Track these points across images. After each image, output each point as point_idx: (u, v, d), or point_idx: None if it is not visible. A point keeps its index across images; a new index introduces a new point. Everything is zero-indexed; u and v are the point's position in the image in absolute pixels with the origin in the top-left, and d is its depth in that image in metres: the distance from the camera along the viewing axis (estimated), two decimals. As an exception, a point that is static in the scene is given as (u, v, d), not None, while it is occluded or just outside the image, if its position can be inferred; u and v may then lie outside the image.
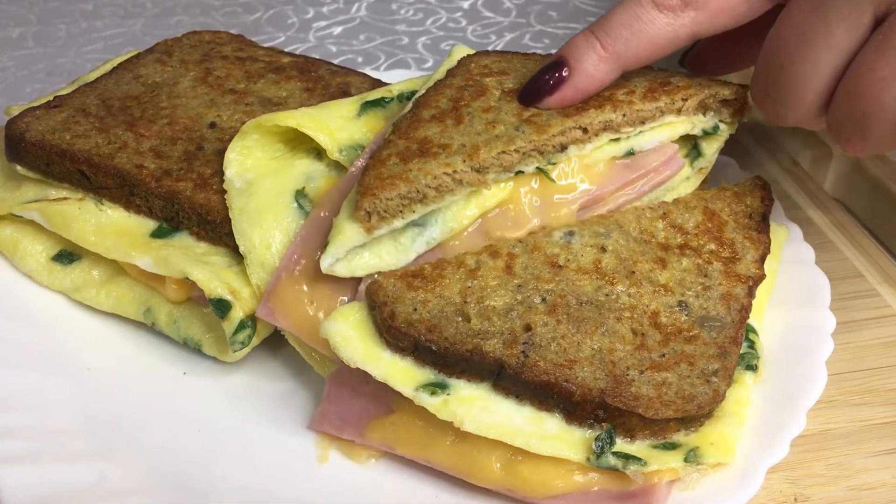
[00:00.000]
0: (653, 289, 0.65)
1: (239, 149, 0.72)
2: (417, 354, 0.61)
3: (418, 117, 0.69)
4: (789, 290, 0.74)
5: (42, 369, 0.70)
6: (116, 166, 0.72)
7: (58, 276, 0.75)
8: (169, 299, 0.72)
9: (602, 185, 0.70)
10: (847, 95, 0.63)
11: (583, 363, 0.59)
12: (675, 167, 0.73)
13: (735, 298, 0.65)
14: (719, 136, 0.75)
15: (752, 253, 0.69)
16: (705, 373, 0.60)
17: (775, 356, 0.68)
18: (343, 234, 0.63)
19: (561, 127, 0.67)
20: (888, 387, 0.72)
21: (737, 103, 0.74)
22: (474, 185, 0.65)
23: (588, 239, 0.67)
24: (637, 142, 0.70)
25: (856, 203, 0.98)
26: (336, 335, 0.61)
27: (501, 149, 0.65)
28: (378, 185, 0.63)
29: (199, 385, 0.71)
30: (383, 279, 0.63)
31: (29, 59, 1.29)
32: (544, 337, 0.60)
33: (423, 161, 0.64)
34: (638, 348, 0.61)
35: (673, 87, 0.71)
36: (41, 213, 0.74)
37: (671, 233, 0.69)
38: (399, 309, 0.61)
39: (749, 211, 0.72)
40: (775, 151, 0.99)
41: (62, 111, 0.77)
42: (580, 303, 0.63)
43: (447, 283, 0.63)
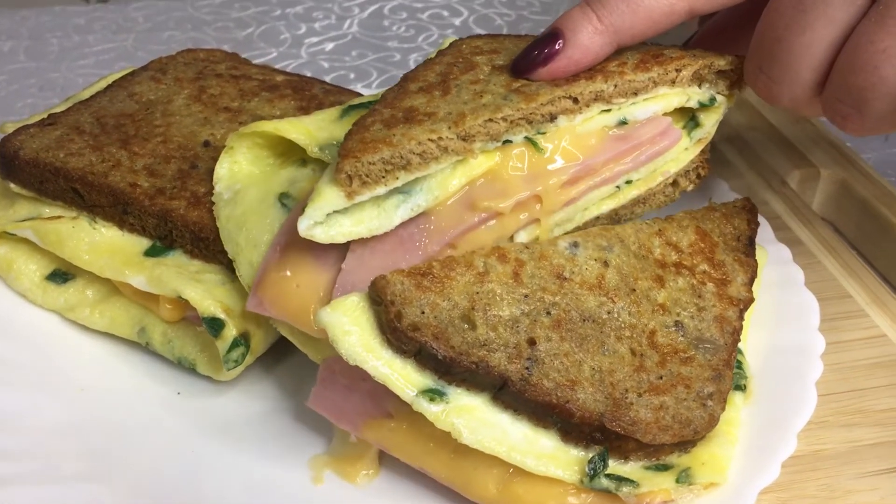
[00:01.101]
0: (651, 307, 0.65)
1: (228, 164, 0.72)
2: (419, 358, 0.60)
3: (405, 89, 0.68)
4: (779, 312, 0.75)
5: (36, 389, 0.69)
6: (110, 185, 0.72)
7: (52, 296, 0.75)
8: (163, 319, 0.72)
9: (593, 156, 0.68)
10: (845, 70, 0.62)
11: (584, 384, 0.60)
12: (673, 138, 0.72)
13: (727, 321, 0.66)
14: (717, 107, 0.73)
15: (742, 276, 0.70)
16: (701, 396, 0.61)
17: (766, 378, 0.69)
18: (322, 197, 0.61)
19: (550, 96, 0.66)
20: (877, 407, 0.72)
21: (733, 74, 0.72)
22: (460, 154, 0.64)
23: (592, 252, 0.67)
24: (629, 111, 0.69)
25: (843, 223, 0.99)
26: (335, 328, 0.59)
27: (488, 116, 0.64)
28: (360, 148, 0.61)
29: (192, 405, 0.71)
30: (391, 276, 0.61)
31: (20, 74, 1.29)
32: (548, 353, 0.60)
33: (408, 127, 0.63)
34: (637, 370, 0.61)
35: (666, 58, 0.70)
36: (35, 231, 0.73)
37: (667, 250, 0.69)
38: (406, 311, 0.59)
39: (737, 233, 0.73)
40: (765, 172, 1.00)
41: (56, 129, 0.77)
42: (583, 319, 0.63)
43: (455, 285, 0.62)
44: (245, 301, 0.69)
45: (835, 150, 1.03)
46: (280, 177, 0.71)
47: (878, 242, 0.94)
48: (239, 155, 0.72)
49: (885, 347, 0.78)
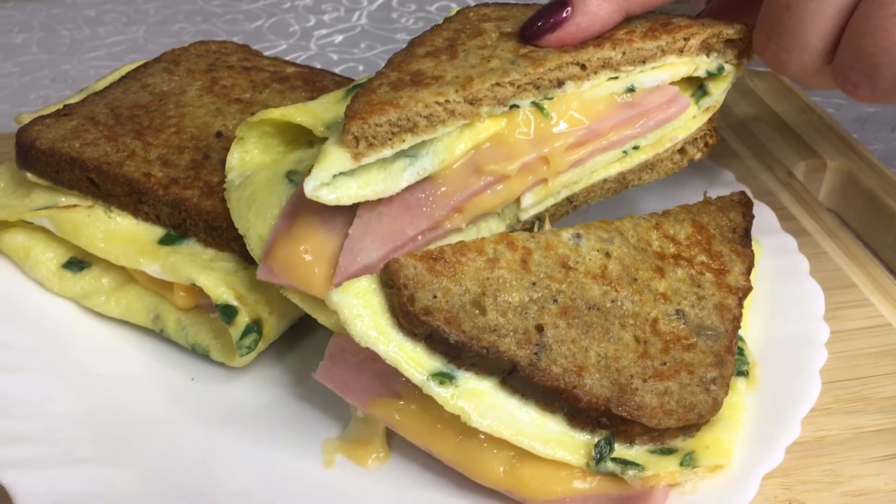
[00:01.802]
0: (653, 297, 0.66)
1: (239, 153, 0.73)
2: (430, 342, 0.61)
3: (412, 53, 0.68)
4: (785, 301, 0.76)
5: (53, 376, 0.71)
6: (125, 174, 0.74)
7: (68, 283, 0.76)
8: (177, 306, 0.73)
9: (600, 121, 0.68)
10: (856, 35, 0.62)
11: (590, 370, 0.61)
12: (680, 105, 0.72)
13: (727, 309, 0.67)
14: (725, 77, 0.73)
15: (740, 266, 0.71)
16: (704, 381, 0.62)
17: (770, 366, 0.70)
18: (328, 158, 0.61)
19: (558, 61, 0.66)
20: (881, 395, 0.73)
21: (741, 44, 0.72)
22: (467, 117, 0.64)
23: (594, 243, 0.68)
24: (637, 79, 0.69)
25: (849, 213, 1.00)
26: (346, 309, 0.60)
27: (496, 80, 0.64)
28: (367, 109, 0.61)
29: (206, 390, 0.72)
30: (404, 259, 0.61)
31: (33, 66, 1.30)
32: (555, 339, 0.61)
33: (415, 90, 0.63)
34: (641, 356, 0.63)
35: (674, 26, 0.70)
36: (51, 219, 0.75)
37: (665, 242, 0.70)
38: (419, 294, 0.60)
39: (733, 225, 0.74)
40: (771, 163, 1.01)
41: (72, 119, 0.79)
42: (588, 307, 0.64)
43: (467, 269, 0.62)
44: (259, 288, 0.70)
45: (841, 141, 1.04)
46: (288, 159, 0.72)
47: (884, 233, 0.95)
48: (249, 144, 0.73)
49: (889, 336, 0.79)
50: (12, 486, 0.60)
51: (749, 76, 1.18)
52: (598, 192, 0.72)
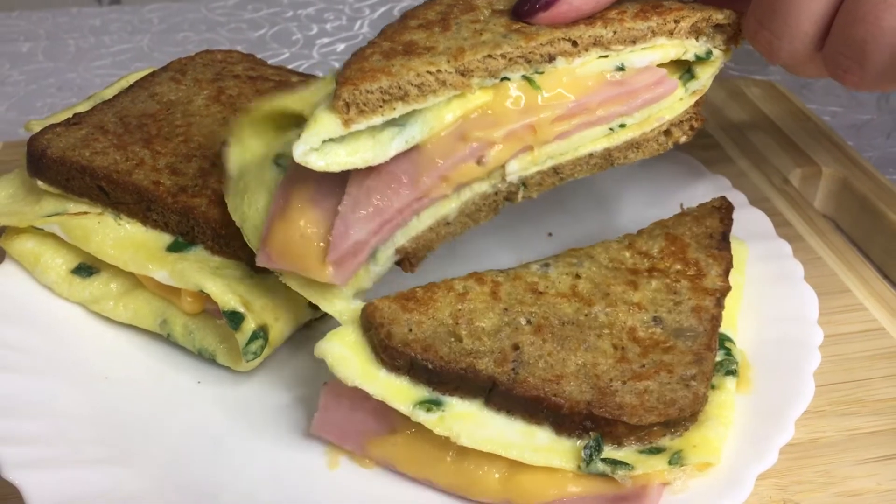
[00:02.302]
0: (627, 307, 0.69)
1: (237, 151, 0.73)
2: (413, 373, 0.64)
3: (405, 25, 0.69)
4: (779, 305, 0.77)
5: (62, 378, 0.72)
6: (134, 182, 0.75)
7: (77, 289, 0.78)
8: (184, 311, 0.75)
9: (587, 96, 0.69)
10: (846, 22, 0.62)
11: (569, 378, 0.63)
12: (668, 87, 0.73)
13: (705, 310, 0.69)
14: (713, 61, 0.74)
15: (716, 268, 0.73)
16: (684, 378, 0.64)
17: (765, 368, 0.71)
18: (318, 123, 0.61)
19: (550, 37, 0.67)
20: (875, 397, 0.75)
21: (730, 29, 0.73)
22: (458, 88, 0.64)
23: (563, 268, 0.71)
24: (627, 58, 0.70)
25: (844, 219, 1.02)
26: (332, 355, 0.64)
27: (487, 52, 0.65)
28: (359, 76, 0.61)
29: (212, 393, 0.74)
30: (379, 302, 0.65)
31: (39, 74, 1.32)
32: (532, 355, 0.64)
33: (407, 59, 0.63)
34: (619, 361, 0.65)
35: (665, 8, 0.71)
36: (62, 226, 0.76)
37: (638, 259, 0.73)
38: (395, 329, 0.64)
39: (709, 232, 0.76)
40: (767, 170, 1.02)
41: (82, 128, 0.80)
42: (562, 323, 0.67)
43: (438, 305, 0.66)
44: (265, 295, 0.72)
45: (836, 148, 1.06)
46: (276, 143, 0.72)
47: (878, 238, 0.96)
48: (245, 139, 0.73)
49: (882, 339, 0.80)
50: (23, 485, 0.61)
51: (745, 83, 1.20)
52: (584, 166, 0.73)
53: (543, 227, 0.92)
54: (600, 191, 0.96)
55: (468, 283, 0.69)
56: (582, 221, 0.93)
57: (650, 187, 0.95)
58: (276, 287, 0.73)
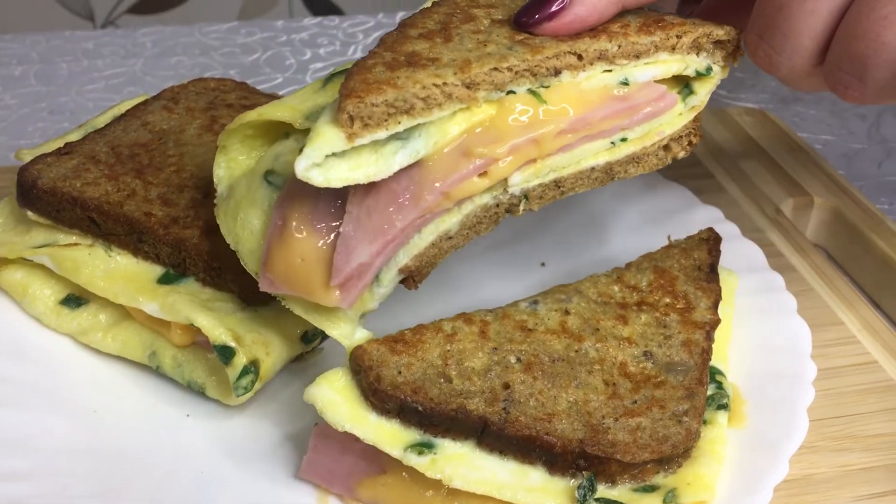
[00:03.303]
0: (618, 342, 0.69)
1: (224, 163, 0.72)
2: (403, 416, 0.63)
3: (405, 34, 0.67)
4: (772, 339, 0.77)
5: (50, 411, 0.71)
6: (125, 214, 0.75)
7: (65, 320, 0.77)
8: (174, 343, 0.74)
9: (591, 111, 0.69)
10: (847, 37, 0.62)
11: (561, 416, 0.63)
12: (668, 102, 0.73)
13: (695, 343, 0.69)
14: (711, 77, 0.74)
15: (705, 301, 0.73)
16: (676, 414, 0.64)
17: (758, 404, 0.71)
18: (321, 137, 0.59)
19: (556, 50, 0.66)
20: (868, 433, 0.74)
21: (730, 45, 0.73)
22: (464, 102, 0.63)
23: (552, 305, 0.71)
24: (631, 72, 0.70)
25: (836, 250, 1.02)
26: (321, 400, 0.63)
27: (493, 65, 0.63)
28: (364, 88, 0.59)
29: (201, 427, 0.73)
30: (367, 345, 0.65)
31: (31, 98, 1.32)
32: (523, 393, 0.64)
33: (412, 70, 0.62)
34: (611, 397, 0.65)
35: (667, 23, 0.71)
36: (52, 257, 0.76)
37: (627, 293, 0.73)
38: (384, 372, 0.64)
39: (697, 264, 0.77)
40: (760, 200, 1.03)
41: (73, 158, 0.80)
42: (553, 360, 0.67)
43: (427, 346, 0.66)
44: (256, 329, 0.71)
45: (828, 178, 1.06)
46: (265, 157, 0.70)
47: (870, 269, 0.96)
48: (232, 151, 0.72)
49: (875, 374, 0.80)
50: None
51: (737, 111, 1.20)
52: (585, 179, 0.72)
53: (536, 257, 0.92)
54: (594, 221, 0.96)
55: (457, 323, 0.68)
56: (575, 251, 0.93)
57: (644, 218, 0.95)
58: (267, 321, 0.73)
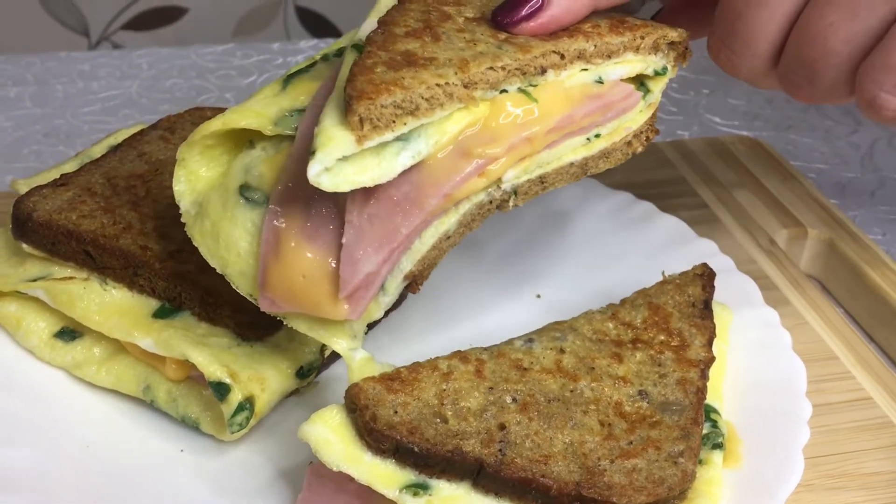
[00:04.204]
0: (613, 382, 0.69)
1: (184, 177, 0.69)
2: (398, 456, 0.63)
3: (391, 33, 0.67)
4: (767, 376, 0.77)
5: (43, 447, 0.71)
6: (121, 247, 0.74)
7: (59, 353, 0.77)
8: (168, 378, 0.74)
9: (575, 109, 0.71)
10: (797, 42, 0.67)
11: (557, 457, 0.63)
12: (634, 100, 0.76)
13: (690, 382, 0.69)
14: (664, 76, 0.77)
15: (700, 339, 0.74)
16: (672, 455, 0.64)
17: (753, 443, 0.71)
18: (333, 141, 0.58)
19: (542, 49, 0.68)
20: (863, 471, 0.74)
21: (681, 47, 0.77)
22: (463, 101, 0.64)
23: (547, 343, 0.71)
24: (604, 71, 0.73)
25: (830, 282, 1.02)
26: (315, 438, 0.63)
27: (489, 64, 0.65)
28: (373, 90, 0.59)
29: (195, 462, 0.72)
30: (363, 383, 0.65)
31: (26, 120, 1.31)
32: (518, 434, 0.64)
33: (415, 71, 0.62)
34: (606, 438, 0.65)
35: (631, 24, 0.74)
36: (46, 291, 0.75)
37: (622, 330, 0.74)
38: (380, 412, 0.63)
39: (691, 300, 0.77)
40: (754, 231, 1.03)
41: (68, 189, 0.80)
42: (548, 400, 0.67)
43: (423, 385, 0.66)
44: (251, 365, 0.71)
45: (822, 209, 1.07)
46: (233, 170, 0.69)
47: (864, 301, 0.97)
48: (192, 164, 0.70)
49: (870, 410, 0.80)
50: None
51: (731, 140, 1.21)
52: (565, 175, 0.75)
53: (532, 288, 0.92)
54: (590, 252, 0.96)
55: (452, 361, 0.68)
56: (571, 283, 0.93)
57: (640, 250, 0.95)
58: (262, 356, 0.73)
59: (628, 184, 1.06)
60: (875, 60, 0.65)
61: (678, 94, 1.44)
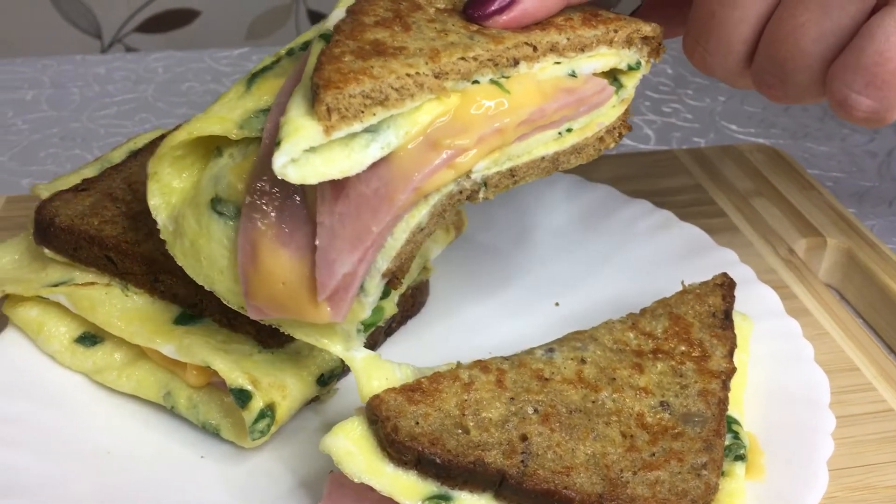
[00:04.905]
0: (634, 392, 0.69)
1: (158, 191, 0.69)
2: (420, 467, 0.63)
3: (360, 22, 0.64)
4: (790, 388, 0.77)
5: (64, 454, 0.71)
6: (143, 253, 0.74)
7: (80, 358, 0.77)
8: (189, 384, 0.74)
9: (547, 102, 0.70)
10: (769, 42, 0.67)
11: (579, 469, 0.63)
12: (607, 94, 0.75)
13: (712, 393, 0.69)
14: (637, 71, 0.77)
15: (721, 349, 0.73)
16: (695, 467, 0.63)
17: (776, 456, 0.71)
18: (300, 131, 0.57)
19: (515, 41, 0.67)
20: (886, 483, 0.74)
21: (654, 42, 0.76)
22: (434, 92, 0.63)
23: (568, 352, 0.71)
24: (577, 64, 0.72)
25: (849, 291, 1.02)
26: (338, 450, 0.63)
27: (461, 55, 0.64)
28: (340, 79, 0.57)
29: (216, 470, 0.72)
30: (384, 394, 0.65)
31: (43, 123, 1.32)
32: (540, 445, 0.64)
33: (384, 60, 0.60)
34: (629, 450, 0.64)
35: (604, 18, 0.74)
36: (68, 296, 0.75)
37: (642, 340, 0.73)
38: (402, 423, 0.63)
39: (712, 310, 0.77)
40: (773, 240, 1.02)
41: (90, 195, 0.80)
42: (570, 411, 0.66)
43: (444, 396, 0.66)
44: (272, 372, 0.71)
45: (841, 219, 1.06)
46: (203, 182, 0.67)
47: (883, 312, 0.96)
48: (165, 177, 0.68)
49: (892, 422, 0.79)
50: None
51: (748, 148, 1.20)
52: (535, 169, 0.74)
53: (550, 296, 0.92)
54: (608, 261, 0.96)
55: (473, 371, 0.68)
56: (589, 292, 0.92)
57: (659, 259, 0.95)
58: (283, 363, 0.73)
59: (645, 191, 1.06)
60: (846, 60, 0.65)
61: (694, 100, 1.44)
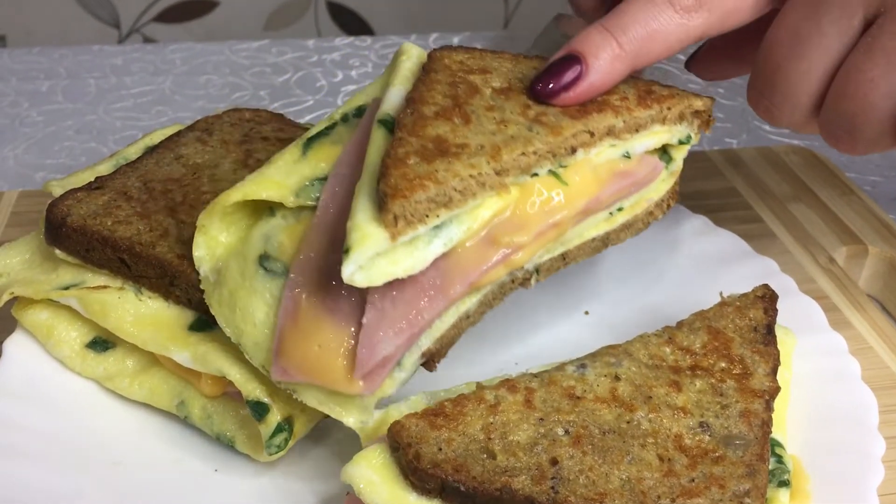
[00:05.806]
0: (672, 412, 0.64)
1: (204, 243, 0.69)
2: (445, 495, 0.59)
3: (420, 113, 0.65)
4: (835, 408, 0.73)
5: (73, 464, 0.68)
6: (157, 256, 0.71)
7: (91, 364, 0.74)
8: (204, 393, 0.71)
9: (604, 189, 0.70)
10: (837, 96, 0.66)
11: (613, 495, 0.59)
12: (657, 170, 0.75)
13: (754, 414, 0.65)
14: (686, 144, 0.76)
15: (763, 367, 0.69)
16: (737, 494, 0.59)
17: (824, 481, 0.67)
18: (368, 239, 0.58)
19: (573, 129, 0.67)
20: (936, 510, 0.70)
21: (705, 115, 0.76)
22: (496, 189, 0.63)
23: (601, 369, 0.67)
24: (631, 145, 0.71)
25: (890, 301, 0.97)
26: (360, 480, 0.60)
27: (521, 150, 0.64)
28: (407, 185, 0.59)
29: (230, 484, 0.69)
30: (405, 420, 0.61)
31: (58, 115, 1.29)
32: (572, 470, 0.60)
33: (447, 161, 0.61)
34: (666, 475, 0.60)
35: (658, 95, 0.73)
36: (80, 300, 0.72)
37: (680, 355, 0.69)
38: (424, 450, 0.60)
39: (753, 324, 0.72)
40: (812, 248, 0.98)
41: (104, 193, 0.76)
42: (603, 432, 0.62)
43: (469, 419, 0.62)
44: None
45: (883, 226, 1.02)
46: (253, 239, 0.68)
47: (928, 324, 0.92)
48: (213, 230, 0.69)
49: (941, 444, 0.76)
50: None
51: (784, 150, 1.16)
52: (587, 249, 0.74)
53: (580, 305, 0.88)
54: (640, 268, 0.92)
55: (500, 391, 0.64)
56: (620, 300, 0.89)
57: (693, 267, 0.91)
58: (303, 374, 0.69)
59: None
60: None
61: (726, 100, 1.40)
